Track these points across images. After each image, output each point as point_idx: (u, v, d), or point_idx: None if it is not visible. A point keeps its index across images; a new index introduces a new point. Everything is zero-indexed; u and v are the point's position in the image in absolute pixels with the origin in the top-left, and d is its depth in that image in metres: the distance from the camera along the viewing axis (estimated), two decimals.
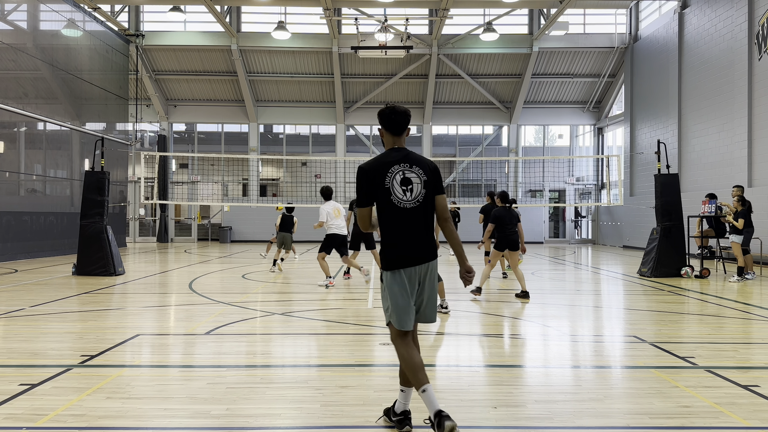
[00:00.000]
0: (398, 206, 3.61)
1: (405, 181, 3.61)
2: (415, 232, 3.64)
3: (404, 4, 22.56)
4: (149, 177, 28.58)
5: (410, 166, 3.66)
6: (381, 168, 3.64)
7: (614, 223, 26.00)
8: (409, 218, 3.63)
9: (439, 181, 3.73)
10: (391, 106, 3.75)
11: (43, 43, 19.14)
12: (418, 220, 3.64)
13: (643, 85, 23.68)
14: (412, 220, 3.63)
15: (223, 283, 11.63)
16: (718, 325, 7.36)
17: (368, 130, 29.31)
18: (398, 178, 3.61)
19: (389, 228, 3.66)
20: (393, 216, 3.62)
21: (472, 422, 3.89)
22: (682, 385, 4.64)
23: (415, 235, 3.65)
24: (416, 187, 3.63)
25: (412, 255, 3.63)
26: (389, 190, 3.61)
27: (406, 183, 3.61)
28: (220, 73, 27.41)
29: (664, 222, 12.72)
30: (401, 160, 3.67)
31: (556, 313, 8.14)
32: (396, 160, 3.66)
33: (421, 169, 3.68)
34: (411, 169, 3.65)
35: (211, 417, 3.91)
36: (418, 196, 3.63)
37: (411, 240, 3.64)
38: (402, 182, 3.61)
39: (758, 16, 16.58)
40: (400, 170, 3.63)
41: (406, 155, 3.71)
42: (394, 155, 3.70)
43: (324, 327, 7.11)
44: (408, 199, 3.62)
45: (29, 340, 6.29)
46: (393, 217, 3.63)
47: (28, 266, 14.68)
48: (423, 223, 3.67)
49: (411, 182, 3.62)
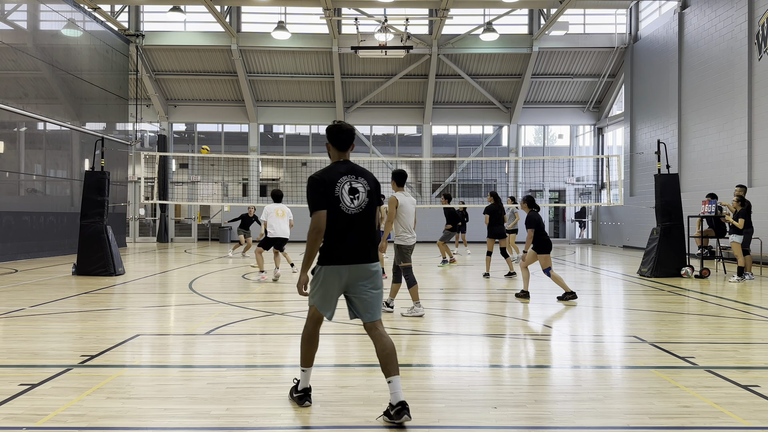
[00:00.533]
0: (345, 212, 4.00)
1: (352, 190, 4.04)
2: (357, 236, 4.03)
3: (404, 4, 22.55)
4: (149, 177, 28.58)
5: (356, 178, 4.10)
6: (332, 178, 4.03)
7: (614, 223, 26.01)
8: (353, 223, 4.02)
9: (379, 192, 4.20)
10: (338, 124, 4.18)
11: (43, 43, 19.14)
12: (361, 225, 4.04)
13: (643, 85, 23.68)
14: (356, 225, 4.03)
15: (223, 283, 11.63)
16: (718, 325, 7.36)
17: (368, 130, 29.31)
18: (346, 188, 4.03)
19: (335, 230, 4.00)
20: (340, 221, 4.00)
21: (472, 422, 3.89)
22: (682, 385, 4.64)
23: (356, 238, 4.03)
24: (361, 196, 4.06)
25: (352, 255, 4.01)
26: (339, 198, 4.00)
27: (353, 192, 4.04)
28: (220, 73, 27.41)
29: (664, 222, 12.72)
30: (348, 171, 4.09)
31: (556, 313, 8.14)
32: (344, 172, 4.08)
33: (366, 180, 4.12)
34: (357, 180, 4.09)
35: (211, 417, 3.91)
36: (362, 204, 4.06)
37: (352, 242, 4.01)
38: (350, 192, 4.04)
39: (758, 16, 16.58)
40: (348, 181, 4.05)
41: (352, 168, 4.13)
42: (342, 167, 4.11)
43: (324, 327, 7.09)
44: (354, 206, 4.02)
45: (29, 340, 6.29)
46: (340, 222, 4.00)
47: (28, 266, 14.68)
48: (365, 228, 4.07)
49: (357, 191, 4.06)
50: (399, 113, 28.80)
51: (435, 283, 11.72)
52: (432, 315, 8.11)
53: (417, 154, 29.42)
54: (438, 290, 10.61)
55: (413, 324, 7.28)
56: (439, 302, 9.29)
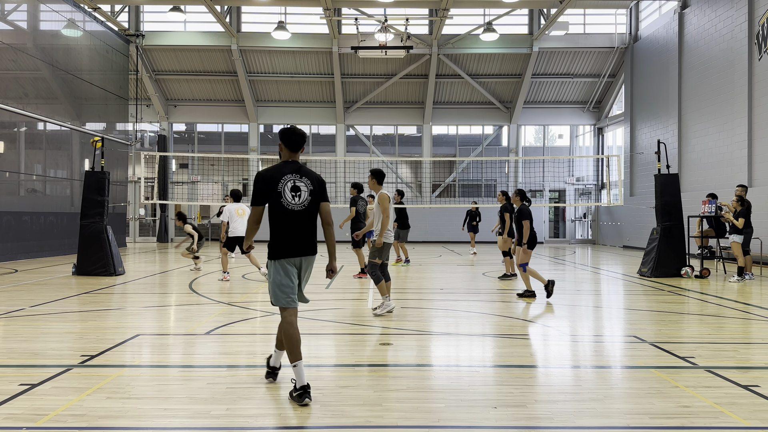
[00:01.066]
0: (287, 208, 4.37)
1: (294, 188, 4.40)
2: (299, 231, 4.42)
3: (404, 4, 22.55)
4: (149, 177, 28.58)
5: (300, 177, 4.44)
6: (276, 175, 4.39)
7: (614, 223, 26.01)
8: (295, 219, 4.40)
9: (324, 191, 4.52)
10: (291, 127, 4.56)
11: (43, 43, 19.14)
12: (302, 220, 4.42)
13: (643, 85, 23.68)
14: (298, 221, 4.40)
15: (223, 283, 11.63)
16: (718, 325, 7.36)
17: (368, 130, 29.31)
18: (289, 185, 4.39)
19: (278, 225, 4.40)
20: (282, 216, 4.38)
21: (472, 422, 3.89)
22: (682, 385, 4.64)
23: (299, 232, 4.42)
24: (303, 194, 4.41)
25: (295, 248, 4.41)
26: (281, 194, 4.36)
27: (295, 190, 4.40)
28: (220, 73, 27.41)
29: (664, 222, 12.72)
30: (294, 171, 4.44)
31: (556, 313, 8.14)
32: (289, 171, 4.44)
33: (309, 180, 4.47)
34: (300, 180, 4.43)
35: (211, 417, 3.91)
36: (304, 202, 4.41)
37: (295, 236, 4.41)
38: (292, 189, 4.39)
39: (758, 16, 16.58)
40: (291, 179, 4.41)
41: (299, 168, 4.49)
42: (289, 167, 4.47)
43: (324, 327, 7.11)
44: (296, 203, 4.39)
45: (29, 340, 6.29)
46: (282, 217, 4.38)
47: (28, 266, 14.68)
48: (306, 223, 4.45)
49: (299, 190, 4.41)
50: (399, 113, 28.80)
51: (435, 283, 11.72)
52: (432, 315, 8.12)
53: (417, 154, 29.42)
54: (438, 290, 10.61)
55: (413, 324, 7.28)
56: (439, 302, 9.29)
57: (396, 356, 5.64)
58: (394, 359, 5.54)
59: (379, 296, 8.59)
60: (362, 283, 11.37)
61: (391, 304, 7.87)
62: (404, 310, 8.34)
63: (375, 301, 8.33)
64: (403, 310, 8.33)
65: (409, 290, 10.65)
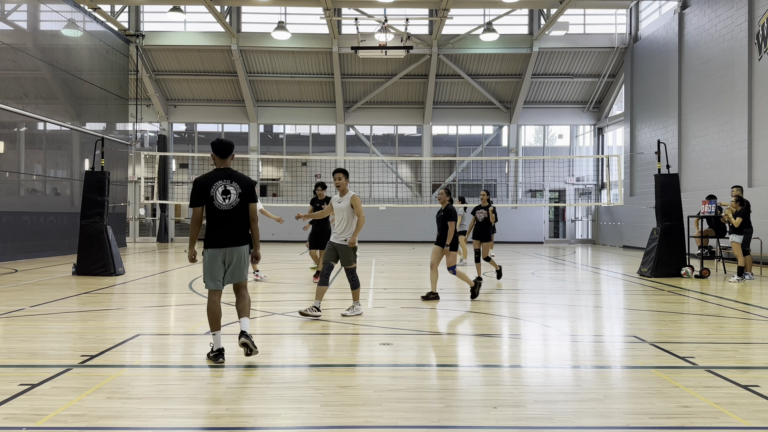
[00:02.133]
0: (218, 208, 5.33)
1: (225, 191, 5.33)
2: (228, 226, 5.36)
3: (404, 4, 22.55)
4: (149, 177, 28.58)
5: (230, 182, 5.36)
6: (209, 182, 5.33)
7: (614, 223, 26.01)
8: (224, 216, 5.35)
9: (252, 193, 5.45)
10: (219, 140, 5.49)
11: (43, 43, 19.13)
12: (230, 218, 5.36)
13: (643, 85, 23.68)
14: (227, 218, 5.35)
15: None
16: (718, 325, 7.36)
17: (368, 130, 29.31)
18: (220, 189, 5.32)
19: (211, 222, 5.37)
20: (213, 214, 5.35)
21: (472, 422, 3.89)
22: (682, 385, 4.64)
23: (227, 228, 5.36)
24: (233, 196, 5.34)
25: (224, 240, 5.37)
26: (213, 197, 5.31)
27: (226, 193, 5.33)
28: (220, 73, 27.41)
29: (664, 222, 12.72)
30: (224, 177, 5.37)
31: (556, 313, 8.14)
32: (220, 177, 5.37)
33: (237, 184, 5.37)
34: (230, 184, 5.35)
35: (211, 417, 3.91)
36: (233, 203, 5.34)
37: (224, 231, 5.36)
38: (222, 192, 5.32)
39: (758, 16, 16.57)
40: (222, 184, 5.34)
41: (230, 174, 5.41)
42: (220, 173, 5.40)
43: (324, 327, 7.10)
44: (225, 204, 5.33)
45: (29, 340, 6.29)
46: (213, 215, 5.35)
47: (28, 266, 14.68)
48: (235, 220, 5.38)
49: (229, 193, 5.34)
50: (399, 113, 28.80)
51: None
52: (432, 315, 8.12)
53: (417, 154, 29.42)
54: (438, 290, 10.59)
55: (414, 324, 7.28)
56: (439, 302, 9.29)
57: (396, 356, 5.64)
58: (394, 359, 5.54)
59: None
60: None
61: (361, 309, 7.83)
62: (404, 310, 8.34)
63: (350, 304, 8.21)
64: (403, 310, 8.34)
65: (409, 290, 10.65)
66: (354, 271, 7.86)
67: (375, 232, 25.96)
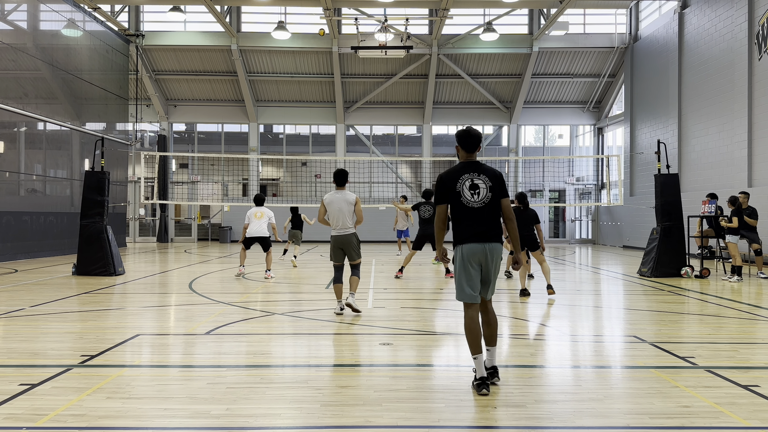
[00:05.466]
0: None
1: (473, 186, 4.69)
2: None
3: (404, 4, 22.55)
4: (149, 177, 28.58)
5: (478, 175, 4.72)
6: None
7: (614, 223, 26.00)
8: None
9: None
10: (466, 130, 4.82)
11: (43, 43, 19.13)
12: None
13: (643, 85, 23.68)
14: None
15: (223, 283, 11.63)
16: (718, 325, 7.36)
17: (368, 130, 29.31)
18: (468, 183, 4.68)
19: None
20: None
21: (472, 422, 3.89)
22: (682, 385, 4.64)
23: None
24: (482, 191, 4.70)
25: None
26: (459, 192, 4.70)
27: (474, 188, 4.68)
28: (220, 73, 27.41)
29: (664, 222, 12.72)
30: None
31: (556, 313, 8.14)
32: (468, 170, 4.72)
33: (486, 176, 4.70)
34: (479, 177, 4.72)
35: (211, 417, 3.91)
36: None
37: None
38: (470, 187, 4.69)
39: (758, 16, 16.57)
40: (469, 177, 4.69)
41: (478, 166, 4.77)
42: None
43: (324, 327, 7.10)
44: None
45: (29, 340, 6.29)
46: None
47: (28, 266, 14.68)
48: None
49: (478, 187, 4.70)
50: (399, 113, 28.80)
51: (435, 283, 11.71)
52: (432, 315, 8.12)
53: (417, 154, 29.42)
54: (438, 290, 10.61)
55: (413, 324, 7.28)
56: (439, 302, 9.29)
57: (396, 356, 5.64)
58: (394, 359, 5.54)
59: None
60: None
61: (338, 308, 7.89)
62: (404, 310, 8.34)
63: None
64: (403, 310, 8.34)
65: (409, 290, 10.65)
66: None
67: (375, 232, 25.95)
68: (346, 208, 7.80)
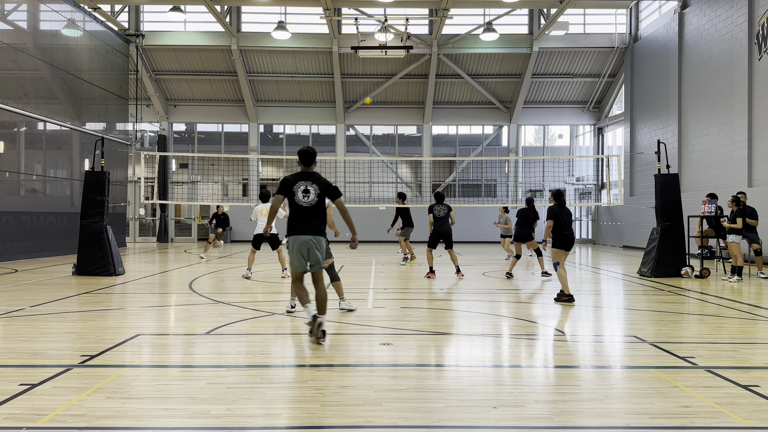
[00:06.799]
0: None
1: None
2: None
3: (404, 4, 22.55)
4: (149, 177, 28.58)
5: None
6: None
7: (614, 223, 26.00)
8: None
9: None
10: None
11: (43, 43, 19.13)
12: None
13: (643, 85, 23.68)
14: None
15: (223, 283, 11.63)
16: (718, 325, 7.36)
17: (368, 130, 29.31)
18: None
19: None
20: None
21: (472, 422, 3.89)
22: (682, 385, 4.64)
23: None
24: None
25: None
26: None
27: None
28: (220, 73, 27.41)
29: (664, 222, 12.72)
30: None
31: (556, 313, 8.14)
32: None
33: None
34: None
35: (211, 417, 3.91)
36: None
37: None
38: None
39: (758, 16, 16.57)
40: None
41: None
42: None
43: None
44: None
45: (29, 340, 6.29)
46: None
47: (28, 266, 14.68)
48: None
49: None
50: (399, 113, 28.80)
51: (435, 283, 11.71)
52: (432, 315, 8.12)
53: (417, 154, 29.42)
54: (438, 290, 10.61)
55: (413, 324, 7.28)
56: (439, 302, 9.29)
57: (396, 356, 5.64)
58: (394, 359, 5.54)
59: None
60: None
61: (292, 303, 7.94)
62: (404, 310, 8.34)
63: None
64: (403, 310, 8.34)
65: (409, 290, 10.65)
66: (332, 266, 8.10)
67: (375, 232, 25.94)
68: None
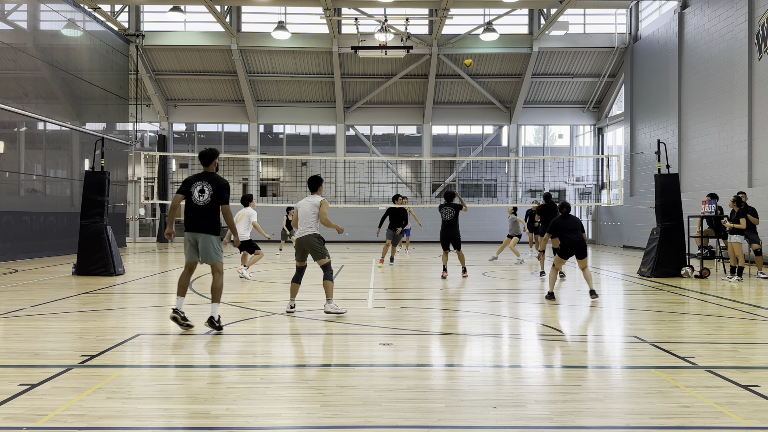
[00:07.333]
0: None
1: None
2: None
3: (404, 4, 22.55)
4: (149, 177, 28.58)
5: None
6: None
7: (614, 223, 26.00)
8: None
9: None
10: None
11: (43, 43, 19.13)
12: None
13: (643, 85, 23.68)
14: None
15: (224, 283, 11.61)
16: (718, 325, 7.36)
17: (368, 130, 29.30)
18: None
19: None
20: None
21: (472, 422, 3.89)
22: (682, 385, 4.64)
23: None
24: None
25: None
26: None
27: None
28: (220, 73, 27.41)
29: (664, 222, 12.72)
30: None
31: (556, 313, 8.14)
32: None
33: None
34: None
35: (211, 417, 3.91)
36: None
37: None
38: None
39: (758, 16, 16.57)
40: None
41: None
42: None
43: (324, 327, 7.10)
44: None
45: (29, 340, 6.29)
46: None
47: (28, 266, 14.68)
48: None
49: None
50: (399, 113, 28.80)
51: (435, 283, 11.71)
52: (432, 315, 8.12)
53: (417, 154, 29.42)
54: (438, 290, 10.61)
55: (413, 324, 7.28)
56: (439, 302, 9.30)
57: (396, 356, 5.64)
58: (394, 359, 5.54)
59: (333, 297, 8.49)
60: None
61: (290, 304, 7.94)
62: (404, 310, 8.34)
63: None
64: (403, 310, 8.34)
65: (409, 290, 10.65)
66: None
67: (375, 233, 25.94)
68: (310, 210, 7.94)
